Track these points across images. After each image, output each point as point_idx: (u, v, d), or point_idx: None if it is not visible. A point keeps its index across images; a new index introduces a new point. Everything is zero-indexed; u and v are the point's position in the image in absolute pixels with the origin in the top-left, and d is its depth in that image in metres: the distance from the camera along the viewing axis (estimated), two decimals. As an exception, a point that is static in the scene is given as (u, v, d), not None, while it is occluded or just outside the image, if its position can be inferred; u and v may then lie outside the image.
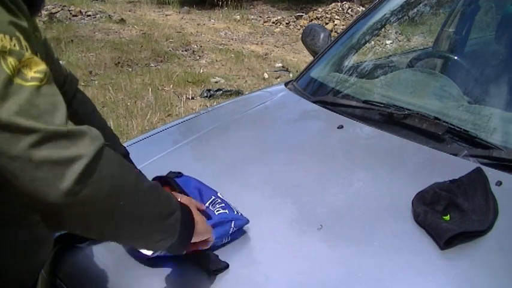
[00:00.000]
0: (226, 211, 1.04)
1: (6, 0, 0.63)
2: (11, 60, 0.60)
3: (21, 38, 0.63)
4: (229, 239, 1.04)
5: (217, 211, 1.03)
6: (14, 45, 0.62)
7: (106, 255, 1.05)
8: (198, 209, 0.96)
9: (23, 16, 0.66)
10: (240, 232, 1.06)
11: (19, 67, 0.61)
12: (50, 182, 0.60)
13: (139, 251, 0.99)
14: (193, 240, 0.87)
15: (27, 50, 0.64)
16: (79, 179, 0.61)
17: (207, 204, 1.06)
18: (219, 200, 1.07)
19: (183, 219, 0.81)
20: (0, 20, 0.62)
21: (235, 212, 1.06)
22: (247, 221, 1.06)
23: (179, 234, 0.81)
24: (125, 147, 1.13)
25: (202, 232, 0.89)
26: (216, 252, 1.00)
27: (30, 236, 0.83)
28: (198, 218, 0.89)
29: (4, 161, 0.59)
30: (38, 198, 0.60)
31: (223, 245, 1.03)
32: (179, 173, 1.17)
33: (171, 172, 1.18)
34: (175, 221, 0.79)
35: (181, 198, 0.96)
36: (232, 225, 1.02)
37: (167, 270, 0.98)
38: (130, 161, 1.07)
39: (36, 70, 0.63)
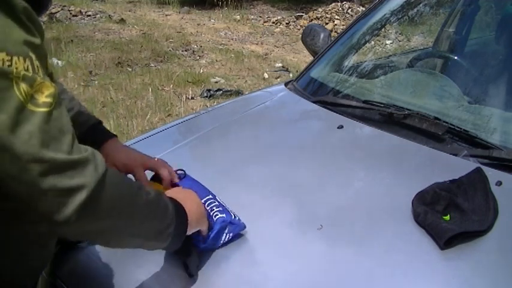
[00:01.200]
0: (224, 215, 1.02)
1: (23, 17, 0.63)
2: (23, 86, 0.61)
3: (34, 57, 0.63)
4: (219, 245, 1.02)
5: (214, 215, 1.01)
6: (27, 68, 0.62)
7: (106, 255, 1.05)
8: None
9: (37, 32, 0.66)
10: (236, 236, 1.04)
11: (31, 93, 0.62)
12: (53, 208, 0.63)
13: None
14: (188, 233, 0.90)
15: (38, 70, 0.64)
16: (81, 208, 0.64)
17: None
18: (216, 203, 1.05)
19: (176, 227, 0.84)
20: (15, 40, 0.61)
21: (233, 217, 1.04)
22: (244, 227, 1.05)
23: (171, 241, 0.85)
24: (95, 118, 1.11)
25: (198, 223, 0.92)
26: (215, 252, 1.00)
27: (30, 236, 0.83)
28: (194, 208, 0.91)
29: (12, 183, 0.62)
30: (41, 216, 0.64)
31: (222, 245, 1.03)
32: (183, 171, 1.15)
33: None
34: (168, 234, 0.83)
35: (179, 192, 0.96)
36: (226, 231, 1.01)
37: (167, 270, 0.98)
38: (102, 127, 1.08)
39: (47, 94, 0.64)
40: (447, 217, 1.09)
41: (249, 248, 1.04)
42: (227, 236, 1.02)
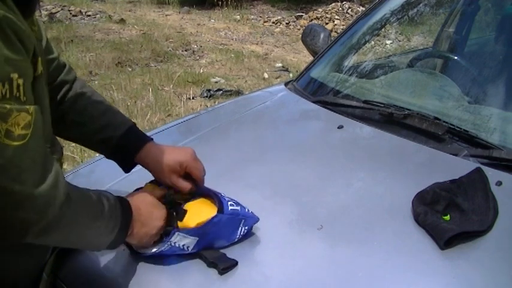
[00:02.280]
0: (238, 208, 1.02)
1: (6, 29, 0.62)
2: None
3: (16, 76, 0.63)
4: (237, 239, 1.03)
5: (230, 206, 1.01)
6: (5, 93, 0.61)
7: (106, 255, 1.05)
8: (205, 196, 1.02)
9: (24, 39, 0.65)
10: (249, 231, 1.05)
11: (6, 127, 0.62)
12: (16, 233, 0.69)
13: (139, 250, 0.99)
14: (136, 230, 0.90)
15: (19, 92, 0.64)
16: (39, 233, 0.70)
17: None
18: (228, 198, 1.05)
19: (120, 212, 0.86)
20: None
21: (246, 210, 1.04)
22: (258, 219, 1.05)
23: (119, 227, 0.86)
24: (129, 119, 1.14)
25: (147, 221, 0.92)
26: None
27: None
28: (143, 206, 0.92)
29: None
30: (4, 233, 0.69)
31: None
32: None
33: None
34: (109, 215, 0.84)
35: (134, 195, 0.98)
36: (241, 225, 1.01)
37: (168, 270, 0.98)
38: (137, 130, 1.10)
39: (23, 126, 0.64)
40: (447, 217, 1.09)
41: (249, 247, 1.04)
42: (243, 230, 1.02)
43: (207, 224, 0.96)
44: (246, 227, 1.03)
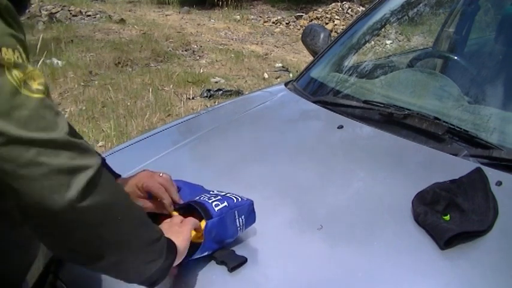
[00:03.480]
0: (226, 203, 1.00)
1: (4, 13, 0.63)
2: (16, 73, 0.61)
3: (21, 50, 0.64)
4: (244, 229, 1.02)
5: (215, 205, 0.99)
6: (17, 57, 0.62)
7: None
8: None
9: (18, 28, 0.66)
10: (251, 219, 1.03)
11: (24, 79, 0.62)
12: (57, 190, 0.62)
13: None
14: (175, 264, 0.87)
15: (28, 62, 0.64)
16: (84, 189, 0.63)
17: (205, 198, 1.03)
18: (213, 195, 1.03)
19: (168, 244, 0.83)
20: (1, 32, 0.62)
21: (235, 200, 1.02)
22: (251, 203, 1.03)
23: (165, 258, 0.82)
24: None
25: (183, 253, 0.89)
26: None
27: (11, 239, 0.83)
28: (178, 240, 0.88)
29: (13, 170, 0.60)
30: (43, 207, 0.62)
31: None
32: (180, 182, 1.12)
33: None
34: (162, 245, 0.81)
35: (163, 224, 0.94)
36: (236, 215, 1.00)
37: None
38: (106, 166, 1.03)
39: (39, 82, 0.64)
40: (447, 217, 1.09)
41: (249, 247, 1.04)
42: (241, 220, 1.01)
43: (205, 235, 0.95)
44: (243, 216, 1.01)
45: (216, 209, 0.98)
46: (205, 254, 0.97)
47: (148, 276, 0.82)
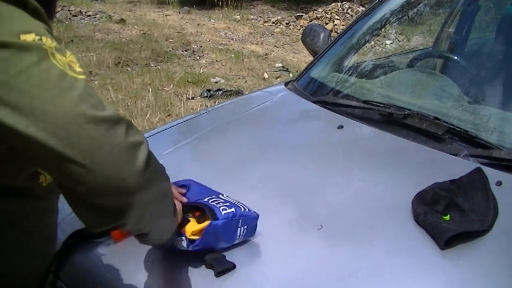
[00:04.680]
0: (233, 210, 1.00)
1: (39, 14, 0.66)
2: (59, 56, 0.63)
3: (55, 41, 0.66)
4: (241, 239, 1.02)
5: (222, 209, 0.99)
6: (56, 44, 0.64)
7: (107, 256, 1.05)
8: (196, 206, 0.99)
9: (48, 26, 0.69)
10: (252, 230, 1.04)
11: (67, 62, 0.64)
12: (124, 167, 0.63)
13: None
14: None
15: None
16: (145, 163, 0.66)
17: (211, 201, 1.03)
18: (222, 200, 1.04)
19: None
20: (38, 25, 0.64)
21: (242, 209, 1.03)
22: (257, 216, 1.04)
23: (173, 214, 0.86)
24: None
25: (180, 213, 0.93)
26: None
27: (35, 236, 0.84)
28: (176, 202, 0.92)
29: (74, 154, 0.60)
30: (112, 187, 0.63)
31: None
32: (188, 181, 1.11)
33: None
34: (171, 200, 0.84)
35: None
36: (240, 224, 1.00)
37: (168, 271, 0.98)
38: None
39: (78, 66, 0.66)
40: (447, 217, 1.09)
41: (249, 247, 1.04)
42: (242, 230, 1.01)
43: (204, 233, 0.95)
44: (245, 226, 1.02)
45: (223, 212, 0.98)
46: (195, 249, 0.96)
47: (168, 238, 0.87)
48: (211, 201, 1.01)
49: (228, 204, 1.02)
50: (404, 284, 0.95)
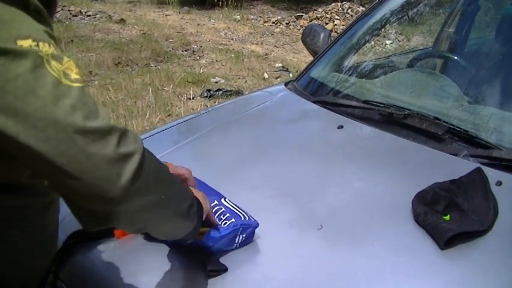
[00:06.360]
0: (233, 220, 1.01)
1: (39, 14, 0.66)
2: (54, 64, 0.63)
3: (55, 45, 0.66)
4: (236, 247, 1.02)
5: (223, 223, 1.00)
6: (54, 50, 0.64)
7: (106, 256, 1.05)
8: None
9: (49, 26, 0.68)
10: (250, 236, 1.04)
11: (63, 69, 0.64)
12: (110, 178, 0.63)
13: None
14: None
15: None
16: (134, 174, 0.65)
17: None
18: (223, 209, 1.04)
19: (198, 208, 0.86)
20: (36, 29, 0.64)
21: (243, 218, 1.03)
22: (257, 225, 1.04)
23: (197, 221, 0.85)
24: None
25: (206, 210, 0.92)
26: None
27: (34, 237, 0.84)
28: (205, 205, 0.92)
29: (62, 162, 0.61)
30: (97, 196, 0.63)
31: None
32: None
33: None
34: (194, 211, 0.84)
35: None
36: (239, 232, 1.00)
37: (167, 271, 0.98)
38: None
39: (76, 72, 0.66)
40: (447, 217, 1.09)
41: (249, 247, 1.04)
42: (241, 238, 1.01)
43: (203, 238, 0.96)
44: (244, 234, 1.02)
45: (224, 226, 0.99)
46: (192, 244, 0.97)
47: (182, 237, 0.86)
48: (213, 210, 1.01)
49: (228, 216, 1.02)
50: (404, 284, 0.95)
